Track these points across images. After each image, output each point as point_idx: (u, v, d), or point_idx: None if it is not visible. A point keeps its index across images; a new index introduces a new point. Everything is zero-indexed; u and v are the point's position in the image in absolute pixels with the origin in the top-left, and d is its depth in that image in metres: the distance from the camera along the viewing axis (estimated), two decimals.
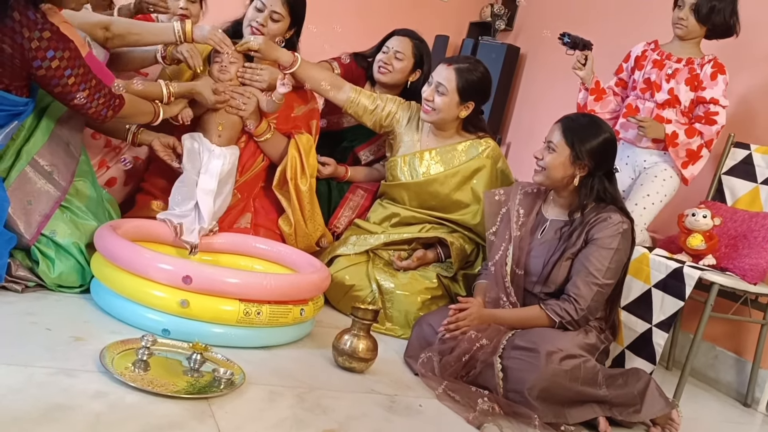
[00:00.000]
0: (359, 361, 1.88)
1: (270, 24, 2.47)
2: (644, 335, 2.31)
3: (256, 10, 2.47)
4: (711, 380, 2.74)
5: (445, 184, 2.56)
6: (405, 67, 2.80)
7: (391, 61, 2.77)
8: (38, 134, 1.97)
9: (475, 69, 2.50)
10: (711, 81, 2.60)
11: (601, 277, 1.99)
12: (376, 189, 2.79)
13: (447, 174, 2.55)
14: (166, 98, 2.22)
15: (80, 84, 1.85)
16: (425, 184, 2.57)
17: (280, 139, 2.49)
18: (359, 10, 4.30)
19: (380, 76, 2.80)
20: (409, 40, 2.80)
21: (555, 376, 1.82)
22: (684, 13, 2.63)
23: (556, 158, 2.08)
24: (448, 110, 2.50)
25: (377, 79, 2.82)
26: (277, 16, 2.48)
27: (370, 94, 2.64)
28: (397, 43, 2.79)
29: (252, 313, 1.83)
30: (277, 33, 2.50)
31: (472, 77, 2.48)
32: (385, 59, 2.78)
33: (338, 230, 2.71)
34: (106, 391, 1.43)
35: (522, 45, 4.49)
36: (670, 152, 2.62)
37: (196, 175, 2.24)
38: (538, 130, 4.15)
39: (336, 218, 2.72)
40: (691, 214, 2.47)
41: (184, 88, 2.29)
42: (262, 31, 2.47)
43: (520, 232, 2.18)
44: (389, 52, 2.78)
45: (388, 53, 2.79)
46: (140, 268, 1.80)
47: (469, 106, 2.52)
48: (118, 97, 2.01)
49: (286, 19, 2.51)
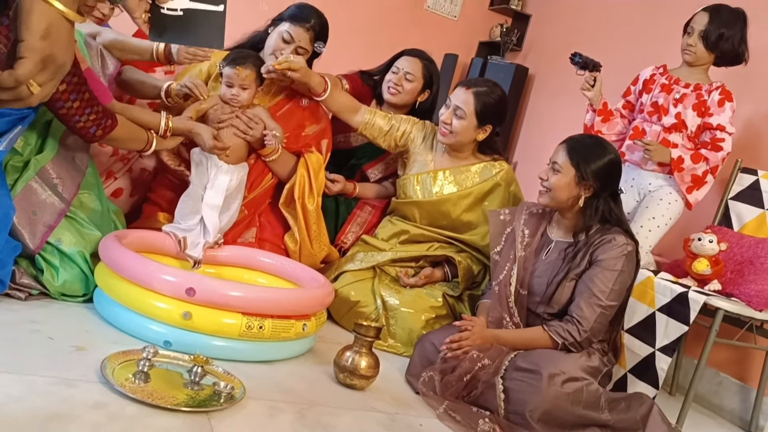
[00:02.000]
0: (360, 378, 1.87)
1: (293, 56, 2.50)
2: (647, 359, 2.30)
3: (283, 41, 2.48)
4: (715, 406, 2.72)
5: (458, 204, 2.56)
6: (415, 89, 2.81)
7: (402, 82, 2.78)
8: (48, 146, 1.98)
9: (493, 92, 2.51)
10: (718, 107, 2.61)
11: (604, 299, 1.98)
12: (384, 206, 2.79)
13: (460, 194, 2.56)
14: (162, 131, 2.18)
15: (71, 93, 1.78)
16: (437, 203, 2.58)
17: (288, 158, 2.49)
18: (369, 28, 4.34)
19: (390, 97, 2.80)
20: (419, 60, 2.81)
21: (557, 398, 1.81)
22: (693, 40, 2.64)
23: (561, 179, 2.08)
24: (466, 133, 2.51)
25: (387, 99, 2.83)
26: (302, 51, 2.51)
27: (385, 114, 2.65)
28: (407, 65, 2.79)
29: (254, 326, 1.83)
30: None
31: (490, 101, 2.48)
32: (395, 80, 2.78)
33: (345, 246, 2.72)
34: (105, 402, 1.43)
35: (530, 65, 4.52)
36: (675, 177, 2.62)
37: (202, 189, 2.22)
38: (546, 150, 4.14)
39: (343, 234, 2.73)
40: (698, 239, 2.46)
41: (183, 125, 2.24)
42: None
43: (525, 253, 2.18)
44: (399, 72, 2.79)
45: (398, 74, 2.79)
46: (144, 279, 1.80)
47: (486, 129, 2.53)
48: (111, 118, 1.94)
49: (309, 53, 2.55)
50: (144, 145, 2.11)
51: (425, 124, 2.69)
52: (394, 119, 2.64)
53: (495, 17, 4.84)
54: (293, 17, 2.52)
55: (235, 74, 2.29)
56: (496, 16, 4.84)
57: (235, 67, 2.29)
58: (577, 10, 4.32)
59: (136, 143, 2.11)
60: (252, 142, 2.36)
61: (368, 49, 2.92)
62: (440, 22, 4.72)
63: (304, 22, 2.49)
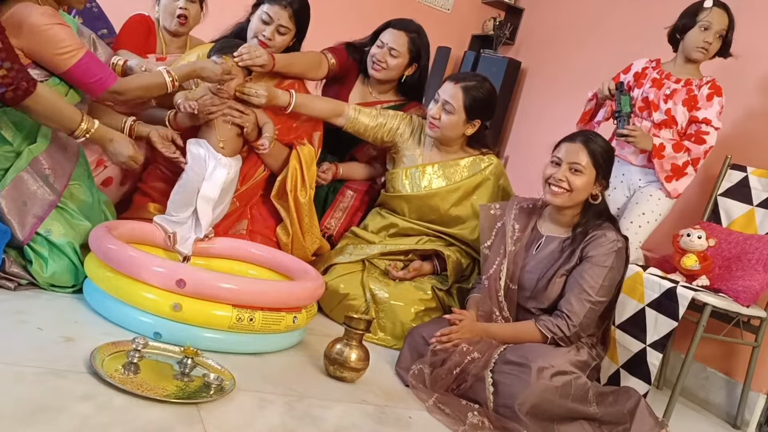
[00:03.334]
0: (350, 371, 1.88)
1: (277, 37, 2.48)
2: (639, 354, 2.31)
3: (263, 22, 2.46)
4: (701, 401, 2.74)
5: (446, 199, 2.56)
6: (400, 64, 2.70)
7: (386, 57, 2.67)
8: (41, 136, 1.97)
9: (482, 87, 2.50)
10: (707, 102, 2.61)
11: (594, 295, 2.00)
12: (365, 189, 2.77)
13: (449, 189, 2.56)
14: (170, 86, 2.13)
15: None
16: (426, 197, 2.57)
17: (281, 150, 2.48)
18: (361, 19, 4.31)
19: (374, 73, 2.71)
20: (404, 34, 2.68)
21: (545, 392, 1.82)
22: (711, 37, 2.59)
23: (584, 179, 2.08)
24: (455, 128, 2.50)
25: (371, 74, 2.73)
26: (283, 29, 2.48)
27: (370, 111, 2.62)
28: (392, 39, 2.67)
29: (245, 319, 1.83)
30: (282, 45, 2.51)
31: (479, 95, 2.47)
32: (380, 55, 2.68)
33: (328, 231, 2.69)
34: (94, 393, 1.42)
35: (523, 59, 4.52)
36: (654, 163, 2.61)
37: (199, 182, 2.19)
38: (537, 144, 4.18)
39: (326, 219, 2.71)
40: (686, 235, 2.48)
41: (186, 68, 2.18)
42: (269, 45, 2.47)
43: (515, 247, 2.19)
44: (384, 47, 2.68)
45: (382, 48, 2.68)
46: (134, 270, 1.80)
47: (475, 124, 2.52)
48: (29, 81, 1.78)
49: (291, 31, 2.52)
50: (73, 129, 1.91)
51: (413, 118, 2.67)
52: (381, 116, 2.61)
53: (488, 11, 4.83)
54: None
55: None
56: (489, 9, 4.83)
57: (221, 57, 2.27)
58: (570, 4, 4.32)
59: (62, 123, 1.91)
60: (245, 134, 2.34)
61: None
62: (433, 14, 4.71)
63: (281, 0, 2.46)
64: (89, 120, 1.93)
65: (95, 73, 1.95)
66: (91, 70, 1.94)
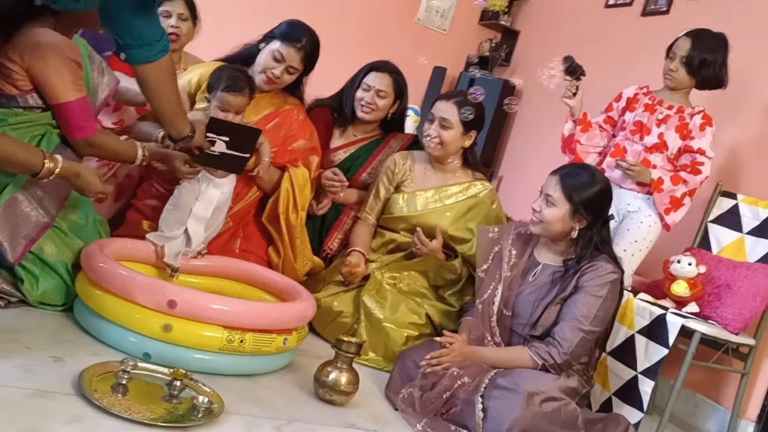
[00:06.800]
0: (340, 394, 1.87)
1: (285, 76, 2.51)
2: (630, 382, 2.31)
3: (274, 59, 2.48)
4: (691, 427, 2.75)
5: (442, 217, 2.60)
6: (387, 104, 2.82)
7: (374, 100, 2.77)
8: None
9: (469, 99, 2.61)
10: (700, 131, 2.64)
11: (587, 324, 2.00)
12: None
13: (443, 208, 2.61)
14: (139, 161, 2.12)
15: None
16: (423, 216, 2.62)
17: (273, 172, 2.48)
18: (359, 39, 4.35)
19: (364, 116, 2.80)
20: (388, 75, 2.79)
21: (535, 417, 1.82)
22: (675, 65, 2.67)
23: (555, 212, 2.09)
24: (455, 142, 2.61)
25: (360, 117, 2.81)
26: (293, 70, 2.52)
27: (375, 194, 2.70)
28: (378, 81, 2.77)
29: (235, 340, 1.83)
30: (288, 83, 2.56)
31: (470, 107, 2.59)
32: (368, 99, 2.77)
33: (332, 252, 2.72)
34: (82, 416, 1.42)
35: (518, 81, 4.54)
36: (654, 197, 2.64)
37: (192, 201, 2.19)
38: (531, 165, 4.20)
39: (330, 240, 2.73)
40: (677, 261, 2.49)
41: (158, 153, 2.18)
42: (276, 82, 2.50)
43: (511, 273, 2.19)
44: (371, 90, 2.77)
45: (369, 91, 2.77)
46: (125, 290, 1.79)
47: (471, 135, 2.64)
48: None
49: (299, 71, 2.56)
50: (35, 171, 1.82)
51: (401, 155, 2.74)
52: (382, 187, 2.70)
53: (484, 32, 4.87)
54: (285, 36, 2.51)
55: (230, 101, 2.26)
56: (485, 31, 4.87)
57: (231, 94, 2.25)
58: (565, 27, 4.36)
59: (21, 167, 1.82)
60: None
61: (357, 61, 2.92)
62: (430, 35, 4.75)
63: (295, 42, 2.49)
64: (52, 158, 1.85)
65: (85, 117, 1.96)
66: (83, 113, 1.95)
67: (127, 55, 1.97)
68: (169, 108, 2.09)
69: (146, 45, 1.96)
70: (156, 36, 1.98)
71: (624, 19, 3.93)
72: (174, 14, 2.73)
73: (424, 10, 4.71)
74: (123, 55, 1.98)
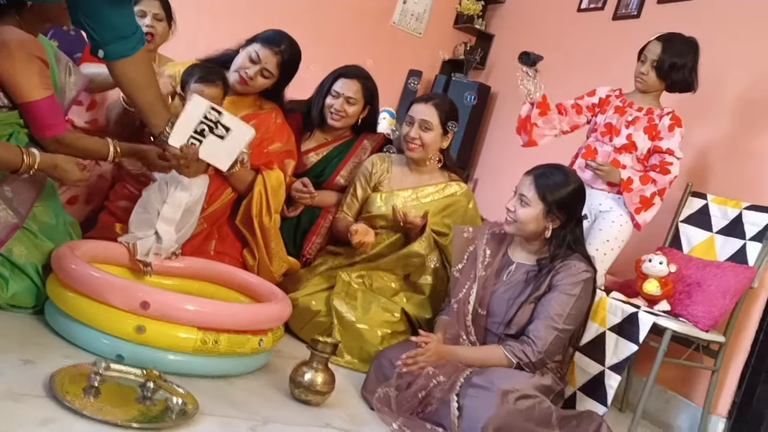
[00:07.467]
0: (316, 395, 1.87)
1: (259, 79, 2.50)
2: (597, 377, 2.34)
3: (250, 59, 2.47)
4: (663, 424, 2.79)
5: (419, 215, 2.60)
6: (357, 110, 2.81)
7: (344, 107, 2.76)
8: None
9: (447, 100, 2.71)
10: (668, 132, 2.68)
11: (561, 322, 2.02)
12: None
13: (420, 206, 2.63)
14: (111, 158, 2.09)
15: None
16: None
17: (246, 174, 2.47)
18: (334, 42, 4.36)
19: (334, 123, 2.79)
20: (357, 81, 2.78)
21: (509, 415, 1.83)
22: (645, 69, 2.72)
23: (529, 212, 2.11)
24: (435, 143, 2.65)
25: (331, 124, 2.81)
26: (267, 74, 2.52)
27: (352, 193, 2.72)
28: (347, 88, 2.76)
29: (210, 341, 1.81)
30: (261, 88, 2.55)
31: (449, 108, 2.67)
32: (338, 106, 2.76)
33: (311, 257, 2.72)
34: (53, 418, 1.40)
35: (493, 84, 4.60)
36: (624, 197, 2.68)
37: (159, 203, 2.16)
38: (506, 167, 4.24)
39: (309, 244, 2.73)
40: (648, 260, 2.53)
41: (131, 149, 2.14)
42: (249, 84, 2.49)
43: (486, 273, 2.21)
44: (340, 97, 2.76)
45: (339, 98, 2.76)
46: (97, 291, 1.77)
47: (449, 136, 2.68)
48: None
49: (274, 78, 2.54)
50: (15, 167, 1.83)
51: (379, 157, 2.76)
52: (360, 188, 2.72)
53: (459, 35, 4.91)
54: (265, 39, 2.52)
55: (204, 91, 2.26)
56: (460, 34, 4.91)
57: (204, 84, 2.26)
58: (539, 31, 4.41)
59: None
60: None
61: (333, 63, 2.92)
62: (405, 38, 4.77)
63: (274, 46, 2.49)
64: (29, 153, 1.84)
65: (53, 116, 1.94)
66: (52, 111, 1.93)
67: (105, 51, 1.93)
68: (152, 101, 2.05)
69: (123, 38, 1.93)
70: (132, 28, 1.95)
71: (596, 23, 3.99)
72: (149, 14, 2.71)
73: (399, 13, 4.73)
74: (101, 52, 1.94)
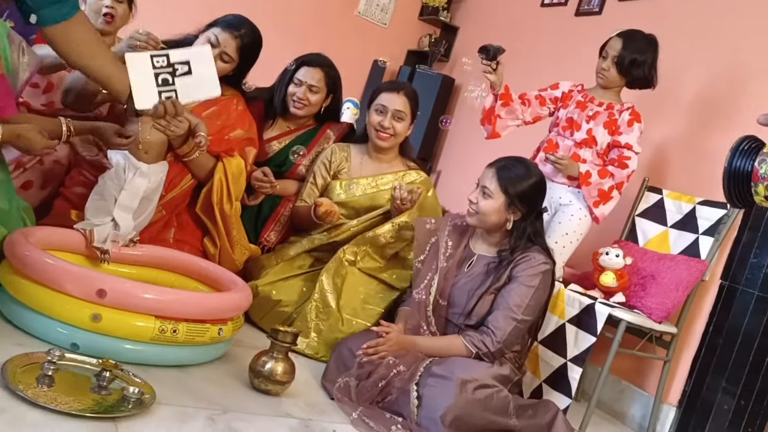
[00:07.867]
0: (275, 384, 1.87)
1: (218, 62, 2.45)
2: (560, 370, 2.39)
3: (209, 42, 2.43)
4: (617, 413, 2.85)
5: (381, 200, 2.64)
6: (320, 99, 2.81)
7: (306, 95, 2.75)
8: None
9: (412, 88, 2.75)
10: (627, 127, 2.74)
11: (520, 313, 2.06)
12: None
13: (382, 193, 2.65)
14: (65, 137, 2.02)
15: None
16: (361, 199, 2.65)
17: (207, 160, 2.43)
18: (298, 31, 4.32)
19: (297, 111, 2.78)
20: (319, 69, 2.77)
21: (468, 404, 1.86)
22: (606, 64, 2.77)
23: (491, 204, 2.14)
24: (405, 132, 2.71)
25: (293, 113, 2.80)
26: (227, 57, 2.48)
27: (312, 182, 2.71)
28: (309, 75, 2.76)
29: (168, 330, 1.79)
30: (222, 72, 2.48)
31: (416, 97, 2.71)
32: (300, 94, 2.75)
33: (268, 244, 2.69)
34: (4, 407, 1.36)
35: (457, 76, 4.61)
36: (583, 190, 2.73)
37: (117, 190, 2.11)
38: (468, 159, 4.27)
39: (266, 232, 2.71)
40: (605, 253, 2.58)
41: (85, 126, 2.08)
42: None
43: (447, 264, 2.23)
44: (303, 85, 2.75)
45: (301, 87, 2.76)
46: (52, 279, 1.73)
47: (413, 124, 2.73)
48: None
49: (234, 63, 2.51)
50: None
51: (339, 146, 2.76)
52: (319, 176, 2.71)
53: (424, 27, 4.91)
54: (226, 23, 2.49)
55: None
56: (425, 26, 4.92)
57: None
58: (503, 24, 4.45)
59: None
60: (172, 139, 2.29)
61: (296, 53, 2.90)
62: (370, 28, 4.75)
63: (234, 30, 2.46)
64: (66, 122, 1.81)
65: (3, 97, 1.87)
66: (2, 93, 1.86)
67: (38, 16, 1.79)
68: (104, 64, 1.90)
69: (57, 2, 1.80)
70: None
71: (559, 18, 4.04)
72: None
73: (364, 3, 4.71)
74: (33, 17, 1.80)
